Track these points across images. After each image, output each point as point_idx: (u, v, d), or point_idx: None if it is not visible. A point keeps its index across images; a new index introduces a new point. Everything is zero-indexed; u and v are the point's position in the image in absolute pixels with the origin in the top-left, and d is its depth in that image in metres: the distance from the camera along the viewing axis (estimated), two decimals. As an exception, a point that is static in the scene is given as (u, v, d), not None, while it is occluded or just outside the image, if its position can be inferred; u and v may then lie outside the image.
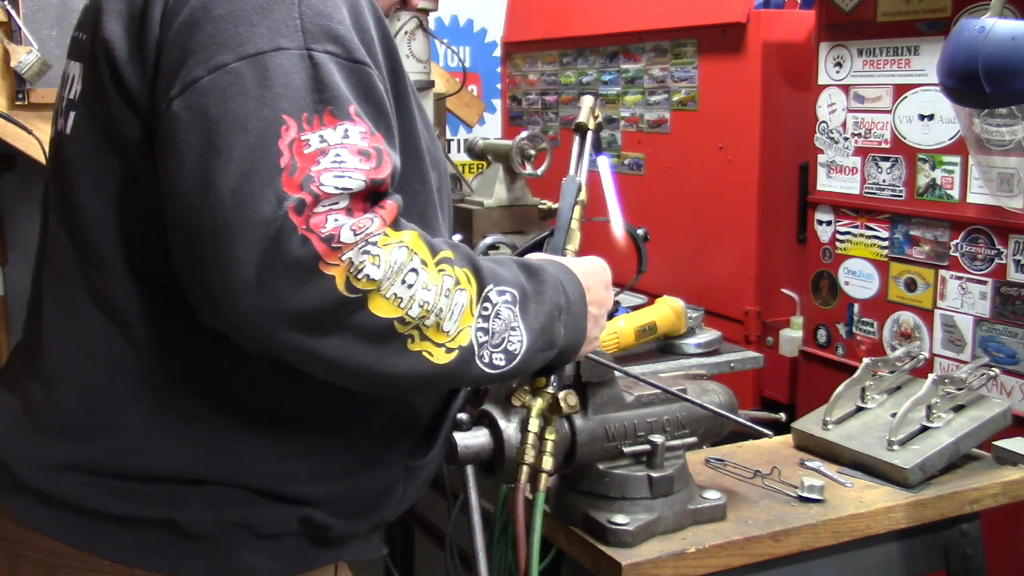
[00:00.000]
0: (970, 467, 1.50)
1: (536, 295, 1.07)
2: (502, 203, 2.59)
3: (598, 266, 1.22)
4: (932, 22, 2.18)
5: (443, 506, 2.42)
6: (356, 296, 0.90)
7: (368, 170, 0.93)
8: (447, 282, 0.97)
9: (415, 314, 0.94)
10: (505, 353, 1.03)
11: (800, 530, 1.30)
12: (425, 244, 0.98)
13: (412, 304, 0.94)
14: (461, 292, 0.98)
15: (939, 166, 2.20)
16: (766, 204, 2.70)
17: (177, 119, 0.93)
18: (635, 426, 1.28)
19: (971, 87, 1.81)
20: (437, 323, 0.96)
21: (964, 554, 1.47)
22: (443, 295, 0.96)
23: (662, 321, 2.13)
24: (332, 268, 0.89)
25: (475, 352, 1.00)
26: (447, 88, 3.76)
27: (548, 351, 1.09)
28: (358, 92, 0.97)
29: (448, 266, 0.98)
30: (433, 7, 3.02)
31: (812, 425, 1.56)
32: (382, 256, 0.92)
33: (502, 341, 1.02)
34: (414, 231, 0.97)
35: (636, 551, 1.22)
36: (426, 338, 0.96)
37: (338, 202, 0.91)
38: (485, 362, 1.01)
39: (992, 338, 2.10)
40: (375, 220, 0.92)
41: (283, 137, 0.90)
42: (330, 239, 0.89)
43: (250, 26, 0.94)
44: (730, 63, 2.71)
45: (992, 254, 2.09)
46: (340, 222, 0.90)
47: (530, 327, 1.05)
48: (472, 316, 1.00)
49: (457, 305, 0.98)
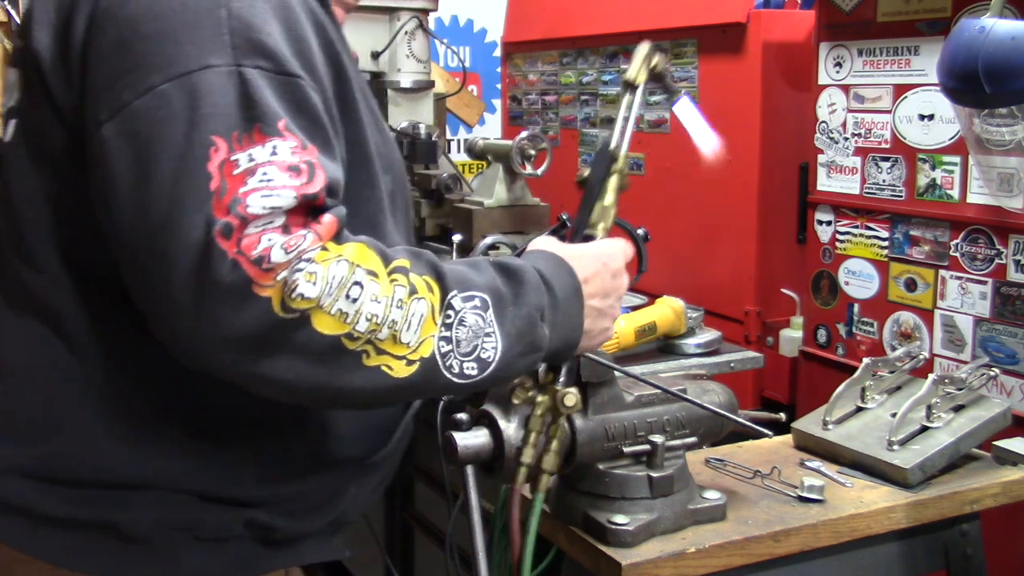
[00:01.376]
0: (970, 467, 1.50)
1: (514, 297, 1.04)
2: (502, 203, 2.59)
3: (603, 252, 1.18)
4: (932, 22, 2.18)
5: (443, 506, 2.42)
6: (294, 316, 0.88)
7: (298, 186, 0.90)
8: (399, 293, 0.94)
9: (363, 328, 0.91)
10: (478, 361, 1.00)
11: (800, 530, 1.30)
12: (376, 254, 0.95)
13: (358, 318, 0.91)
14: (419, 301, 0.95)
15: (939, 166, 2.20)
16: (766, 204, 2.70)
17: (108, 145, 0.92)
18: (635, 426, 1.28)
19: (971, 87, 1.81)
20: (393, 335, 0.93)
21: (964, 554, 1.47)
22: (395, 306, 0.93)
23: (662, 321, 2.13)
24: (266, 289, 0.87)
25: (439, 363, 0.97)
26: (447, 88, 3.76)
27: (532, 355, 1.06)
28: (289, 106, 0.93)
29: (402, 276, 0.95)
30: (433, 7, 3.02)
31: (812, 425, 1.56)
32: (319, 272, 0.89)
33: (473, 349, 0.99)
34: (360, 243, 0.94)
35: (636, 551, 1.22)
36: (383, 352, 0.93)
37: (271, 221, 0.88)
38: (454, 372, 0.99)
39: (992, 338, 2.10)
40: (308, 236, 0.89)
41: (212, 159, 0.89)
42: (260, 260, 0.87)
43: (177, 45, 0.92)
44: (730, 63, 2.71)
45: (992, 254, 2.09)
46: (272, 241, 0.88)
47: (506, 332, 1.02)
48: (434, 325, 0.97)
49: (415, 315, 0.95)
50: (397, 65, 2.94)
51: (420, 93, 3.00)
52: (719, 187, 2.79)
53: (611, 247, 1.20)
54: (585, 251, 1.17)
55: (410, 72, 2.97)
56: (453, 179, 2.70)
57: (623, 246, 1.22)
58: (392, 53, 2.93)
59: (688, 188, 2.88)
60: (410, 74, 2.97)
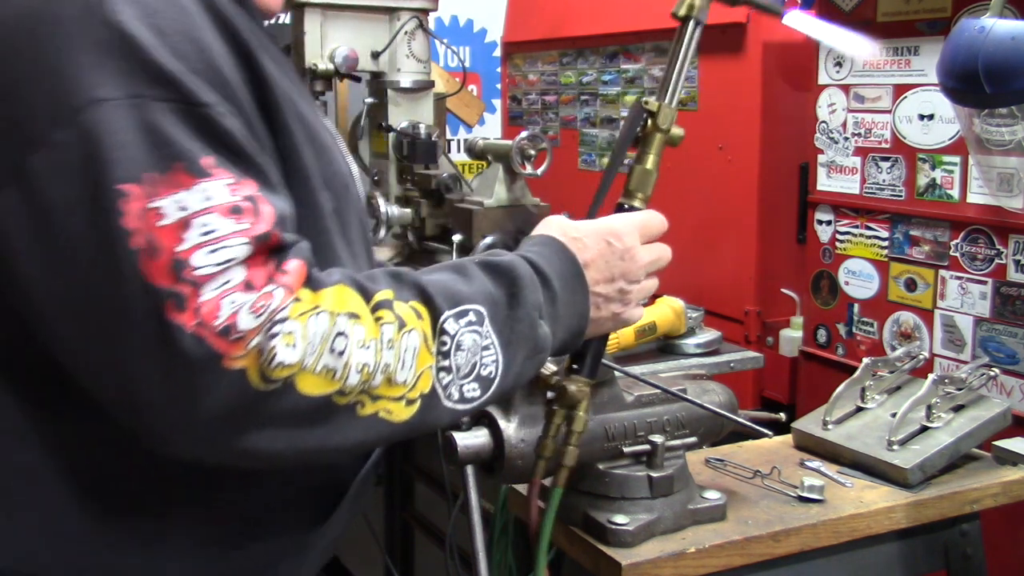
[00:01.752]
0: (970, 467, 1.50)
1: (509, 300, 0.96)
2: (502, 203, 2.59)
3: (608, 229, 1.08)
4: (932, 22, 2.18)
5: (443, 506, 2.42)
6: (275, 385, 0.78)
7: (246, 229, 0.78)
8: (387, 331, 0.85)
9: (355, 381, 0.82)
10: (480, 380, 0.93)
11: (800, 530, 1.30)
12: (355, 293, 0.85)
13: (348, 372, 0.81)
14: (410, 334, 0.87)
15: (939, 166, 2.20)
16: (766, 204, 2.70)
17: (10, 216, 0.79)
18: (635, 426, 1.28)
19: (971, 87, 1.81)
20: (387, 379, 0.85)
21: (964, 554, 1.47)
22: (386, 347, 0.84)
23: (662, 321, 2.13)
24: (238, 361, 0.76)
25: (440, 395, 0.89)
26: (447, 88, 3.76)
27: (535, 357, 0.99)
28: (208, 139, 0.79)
29: (386, 311, 0.85)
30: (433, 7, 3.02)
31: (812, 425, 1.56)
32: (297, 332, 0.79)
33: (473, 368, 0.92)
34: (337, 285, 0.84)
35: (636, 551, 1.22)
36: (379, 398, 0.85)
37: (228, 280, 0.76)
38: (456, 399, 0.91)
39: (992, 338, 2.10)
40: (278, 292, 0.78)
41: (127, 213, 0.75)
42: (227, 331, 0.76)
43: (64, 81, 0.77)
44: (730, 63, 2.71)
45: (992, 254, 2.09)
46: (236, 304, 0.76)
47: (506, 342, 0.94)
48: (430, 355, 0.88)
49: (408, 351, 0.86)
50: (397, 65, 2.94)
51: (420, 93, 3.00)
52: (719, 187, 2.79)
53: (618, 223, 1.10)
54: (589, 229, 1.07)
55: (410, 72, 2.97)
56: (453, 179, 2.70)
57: (639, 220, 1.11)
58: (392, 53, 2.93)
59: (688, 188, 2.88)
60: (410, 74, 2.97)
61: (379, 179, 3.04)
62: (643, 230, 1.11)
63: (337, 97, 3.45)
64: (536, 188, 2.66)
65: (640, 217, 1.13)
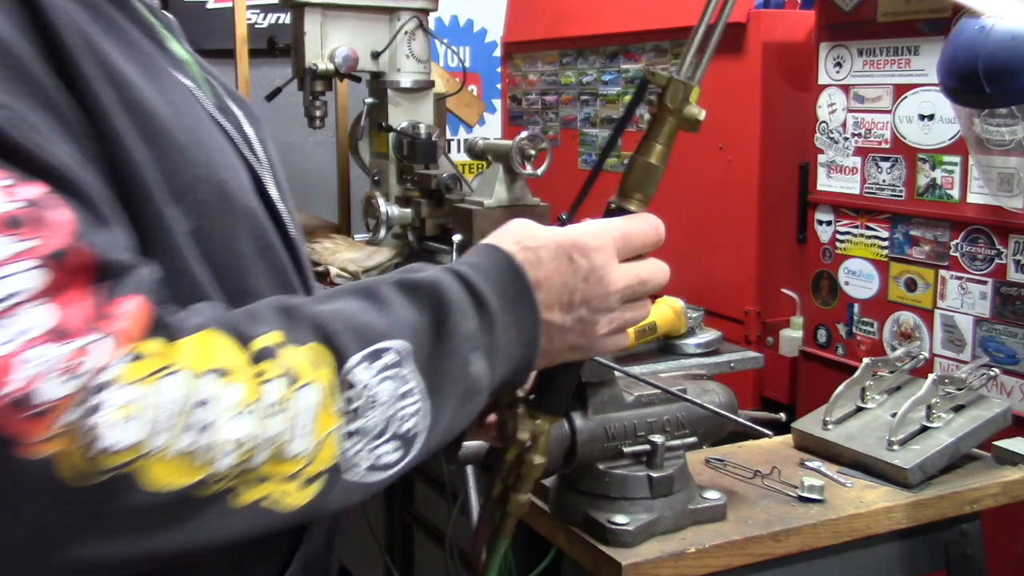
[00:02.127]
0: (970, 467, 1.50)
1: (436, 330, 0.74)
2: (502, 203, 2.59)
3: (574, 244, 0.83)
4: (932, 22, 2.18)
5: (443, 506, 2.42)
6: (103, 479, 0.56)
7: (34, 248, 0.56)
8: (272, 392, 0.64)
9: (227, 464, 0.61)
10: (399, 440, 0.71)
11: (800, 530, 1.30)
12: (226, 339, 0.64)
13: (216, 455, 0.60)
14: (304, 390, 0.65)
15: (939, 166, 2.20)
16: (766, 204, 2.70)
17: None
18: (635, 426, 1.28)
19: (971, 87, 1.81)
20: (275, 454, 0.63)
21: (964, 554, 1.47)
22: (272, 414, 0.63)
23: (662, 321, 2.13)
24: (42, 447, 0.54)
25: (347, 467, 0.68)
26: (447, 88, 3.76)
27: (471, 401, 0.78)
28: None
29: (271, 362, 0.64)
30: (433, 7, 3.02)
31: (812, 425, 1.56)
32: (136, 401, 0.57)
33: (386, 427, 0.70)
34: (199, 332, 0.63)
35: (636, 551, 1.22)
36: (263, 480, 0.63)
37: (22, 327, 0.55)
38: (366, 465, 0.69)
39: (992, 338, 2.10)
40: (103, 343, 0.57)
41: None
42: (22, 403, 0.54)
43: None
44: (730, 63, 2.71)
45: (992, 254, 2.09)
46: (37, 363, 0.55)
47: (432, 386, 0.73)
48: (333, 415, 0.67)
49: (303, 413, 0.65)
50: (397, 65, 2.94)
51: (420, 93, 3.00)
52: (719, 187, 2.79)
53: (588, 233, 0.84)
54: (548, 239, 0.83)
55: (410, 72, 2.97)
56: (453, 179, 2.70)
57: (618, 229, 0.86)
58: (392, 53, 2.93)
59: (688, 188, 2.88)
60: (410, 74, 2.97)
61: (379, 179, 3.04)
62: (623, 242, 0.86)
63: (337, 97, 3.45)
64: (536, 188, 2.66)
65: (621, 226, 0.86)
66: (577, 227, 0.85)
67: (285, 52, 2.97)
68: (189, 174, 0.73)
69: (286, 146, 4.53)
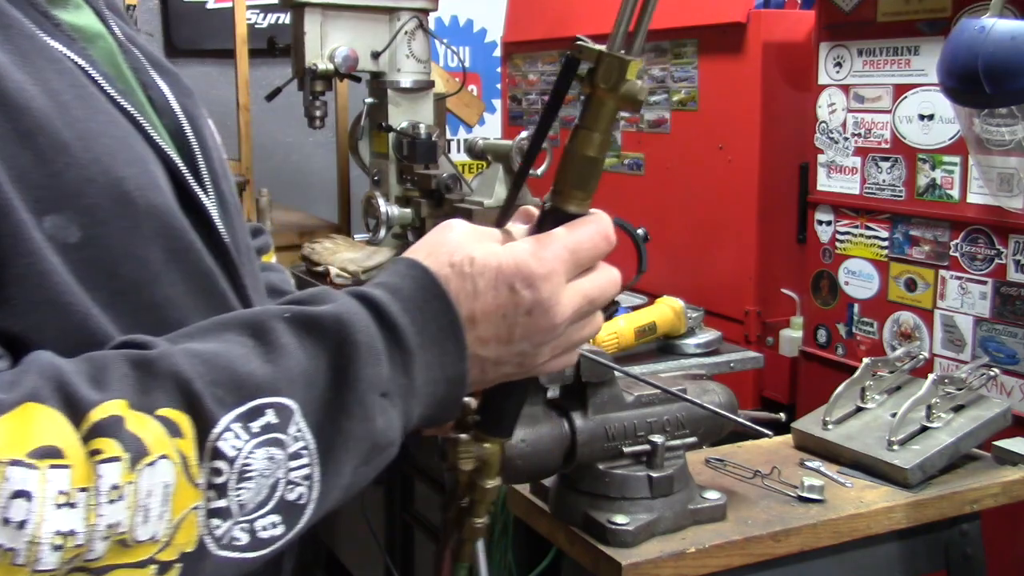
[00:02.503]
0: (970, 467, 1.50)
1: (335, 379, 0.64)
2: (502, 203, 2.58)
3: (517, 272, 0.70)
4: (932, 22, 2.18)
5: (443, 506, 2.42)
6: None
7: None
8: (110, 474, 0.55)
9: (55, 561, 0.53)
10: (284, 510, 0.62)
11: (800, 530, 1.30)
12: (53, 412, 0.55)
13: (39, 552, 0.52)
14: (153, 468, 0.56)
15: (939, 166, 2.20)
16: (766, 204, 2.70)
17: None
18: (635, 426, 1.28)
19: (971, 87, 1.81)
20: (119, 543, 0.55)
21: (964, 554, 1.47)
22: (110, 500, 0.55)
23: (662, 321, 2.13)
24: None
25: (212, 548, 0.59)
26: (447, 88, 3.76)
27: (378, 456, 0.67)
28: None
29: (109, 440, 0.55)
30: (433, 7, 3.02)
31: (812, 425, 1.56)
32: None
33: (272, 494, 0.61)
34: (19, 407, 0.54)
35: (636, 551, 1.22)
36: (108, 570, 0.55)
37: None
38: (242, 543, 0.60)
39: (992, 338, 2.10)
40: None
41: None
42: None
43: None
44: (730, 63, 2.71)
45: (992, 254, 2.09)
46: None
47: (327, 446, 0.63)
48: (195, 491, 0.58)
49: (155, 493, 0.56)
50: (397, 65, 2.94)
51: (420, 93, 3.00)
52: (719, 187, 2.79)
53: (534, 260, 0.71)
54: (488, 266, 0.70)
55: (410, 72, 2.97)
56: (453, 179, 2.70)
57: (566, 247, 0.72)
58: (392, 53, 2.93)
59: (688, 188, 2.88)
60: (410, 74, 2.97)
61: (379, 179, 3.04)
62: (572, 262, 0.73)
63: (337, 97, 3.45)
64: (536, 188, 2.66)
65: (568, 242, 0.72)
66: (522, 248, 0.72)
67: (285, 52, 2.97)
68: (75, 176, 0.64)
69: (286, 146, 4.53)
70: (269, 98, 3.00)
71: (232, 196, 0.85)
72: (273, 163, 4.32)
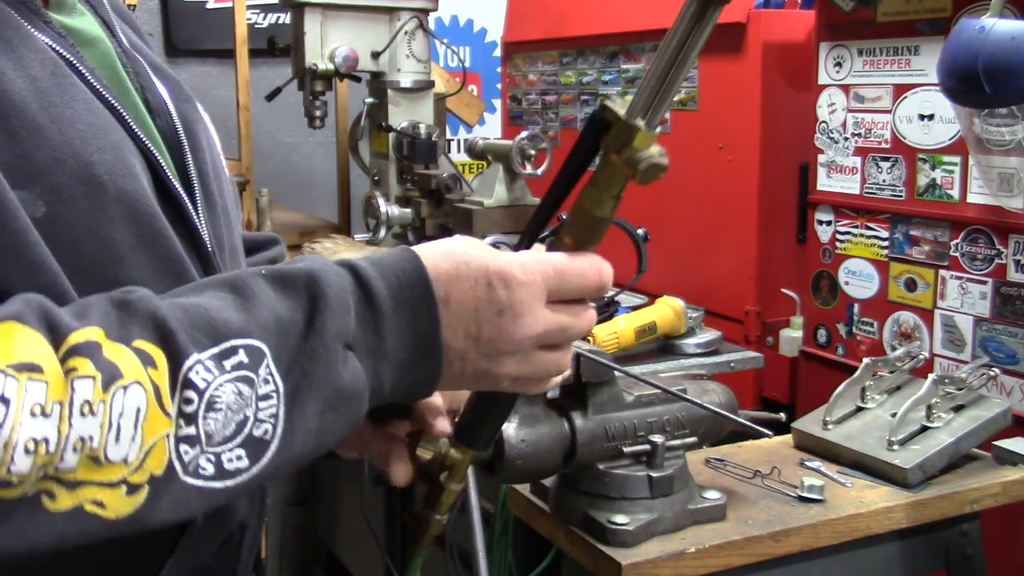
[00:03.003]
0: (970, 467, 1.50)
1: (306, 326, 0.68)
2: (502, 203, 2.59)
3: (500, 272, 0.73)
4: (932, 22, 2.18)
5: (443, 506, 2.42)
6: None
7: None
8: (83, 390, 0.59)
9: (27, 465, 0.57)
10: (249, 444, 0.65)
11: (800, 530, 1.30)
12: (35, 332, 0.60)
13: (12, 455, 0.57)
14: (126, 392, 0.61)
15: (939, 166, 2.20)
16: (766, 204, 2.70)
17: None
18: (635, 426, 1.28)
19: (971, 87, 1.81)
20: (91, 458, 0.60)
21: (964, 554, 1.47)
22: (81, 414, 0.59)
23: (662, 321, 2.13)
24: None
25: (180, 472, 0.63)
26: (447, 88, 3.76)
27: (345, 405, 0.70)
28: None
29: (84, 360, 0.60)
30: (433, 7, 3.02)
31: (812, 425, 1.56)
32: None
33: (240, 429, 0.65)
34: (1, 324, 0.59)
35: (636, 551, 1.22)
36: (80, 484, 0.60)
37: None
38: (208, 475, 0.64)
39: (992, 338, 2.10)
40: None
41: None
42: None
43: None
44: (730, 63, 2.71)
45: (992, 254, 2.09)
46: None
47: (292, 388, 0.67)
48: (166, 419, 0.62)
49: (127, 415, 0.61)
50: (397, 65, 2.94)
51: (420, 93, 3.00)
52: (719, 187, 2.79)
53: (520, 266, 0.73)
54: (476, 259, 0.73)
55: (410, 72, 2.97)
56: (453, 179, 2.70)
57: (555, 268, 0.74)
58: (392, 53, 2.93)
59: (688, 188, 2.88)
60: (410, 74, 2.97)
61: (379, 179, 3.04)
62: (557, 282, 0.74)
63: (337, 97, 3.45)
64: (536, 188, 2.66)
65: (558, 263, 0.75)
66: (511, 255, 0.75)
67: (285, 52, 2.97)
68: (44, 156, 0.69)
69: (286, 146, 4.53)
70: (269, 98, 3.00)
71: (222, 198, 0.89)
72: (273, 163, 4.33)
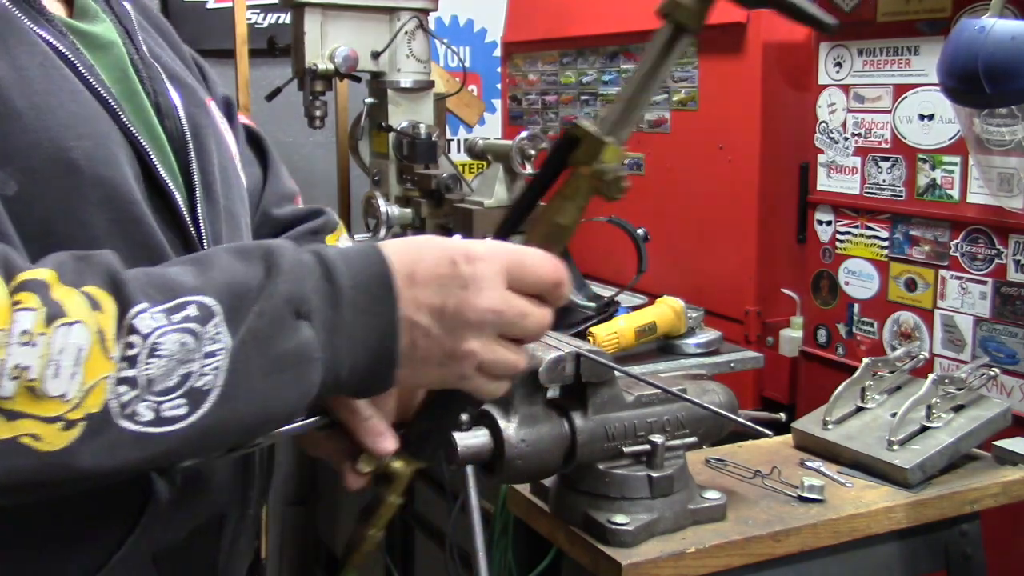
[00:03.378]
0: (970, 467, 1.50)
1: (258, 290, 0.70)
2: (502, 203, 2.59)
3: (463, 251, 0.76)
4: (932, 22, 2.18)
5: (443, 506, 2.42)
6: None
7: None
8: (24, 320, 0.62)
9: None
10: (189, 395, 0.67)
11: (800, 530, 1.30)
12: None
13: None
14: (70, 329, 0.63)
15: (939, 166, 2.20)
16: (766, 204, 2.69)
17: None
18: (635, 426, 1.28)
19: (971, 87, 1.81)
20: (28, 388, 0.62)
21: (964, 554, 1.47)
22: (20, 343, 0.62)
23: (662, 321, 2.13)
24: None
25: (116, 414, 0.65)
26: (447, 88, 3.76)
27: (288, 372, 0.70)
28: None
29: (31, 295, 0.63)
30: (433, 7, 3.02)
31: (812, 425, 1.56)
32: None
33: (184, 380, 0.67)
34: None
35: (636, 551, 1.22)
36: (19, 416, 0.62)
37: None
38: (144, 420, 0.65)
39: (992, 338, 2.10)
40: None
41: None
42: None
43: None
44: (730, 63, 2.71)
45: (992, 254, 2.09)
46: None
47: (238, 344, 0.68)
48: (108, 361, 0.64)
49: (66, 352, 0.63)
50: (397, 65, 2.94)
51: (420, 93, 3.00)
52: (719, 187, 2.79)
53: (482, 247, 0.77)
54: (436, 243, 0.77)
55: (410, 72, 2.97)
56: (453, 179, 2.70)
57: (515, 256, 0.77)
58: (392, 53, 2.93)
59: (688, 188, 2.88)
60: (410, 74, 2.97)
61: (379, 179, 3.04)
62: (516, 268, 0.77)
63: (337, 97, 3.45)
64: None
65: (517, 250, 0.78)
66: (472, 241, 0.78)
67: (285, 52, 2.97)
68: (22, 140, 0.74)
69: (286, 146, 4.52)
70: (269, 98, 3.00)
71: (228, 200, 0.94)
72: (273, 163, 4.31)
